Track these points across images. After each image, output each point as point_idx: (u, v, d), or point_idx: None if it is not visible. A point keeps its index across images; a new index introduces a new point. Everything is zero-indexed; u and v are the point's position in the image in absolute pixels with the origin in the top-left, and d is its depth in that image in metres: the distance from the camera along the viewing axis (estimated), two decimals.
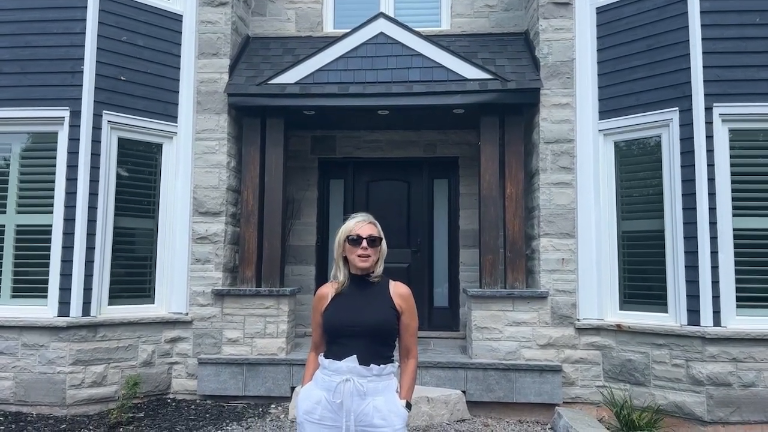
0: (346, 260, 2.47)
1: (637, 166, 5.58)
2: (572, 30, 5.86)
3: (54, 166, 5.48)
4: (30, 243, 5.47)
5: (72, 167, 5.41)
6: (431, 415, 5.01)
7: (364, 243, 2.40)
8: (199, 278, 5.88)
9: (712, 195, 4.99)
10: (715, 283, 4.94)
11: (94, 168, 5.47)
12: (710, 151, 5.03)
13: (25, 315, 5.31)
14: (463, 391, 5.37)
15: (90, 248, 5.39)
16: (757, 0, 5.14)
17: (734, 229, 5.01)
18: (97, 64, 5.55)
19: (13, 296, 5.44)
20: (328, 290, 2.49)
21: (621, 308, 5.52)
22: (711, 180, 5.01)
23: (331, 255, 2.55)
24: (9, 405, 5.21)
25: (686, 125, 5.14)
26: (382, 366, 2.35)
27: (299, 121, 6.55)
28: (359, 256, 2.40)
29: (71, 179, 5.40)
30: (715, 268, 4.95)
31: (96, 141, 5.49)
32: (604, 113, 5.68)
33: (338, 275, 2.47)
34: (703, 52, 5.11)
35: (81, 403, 5.24)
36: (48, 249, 5.39)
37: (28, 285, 5.44)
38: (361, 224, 2.45)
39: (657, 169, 5.40)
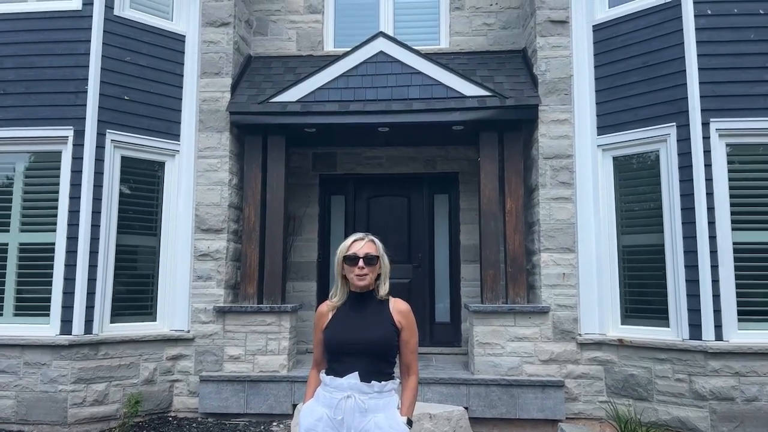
0: (345, 278, 2.49)
1: (636, 181, 5.62)
2: (569, 47, 5.94)
3: (57, 184, 5.52)
4: (33, 261, 5.50)
5: (75, 186, 5.46)
6: None
7: (361, 262, 2.42)
8: (200, 295, 5.89)
9: (711, 209, 5.02)
10: (716, 297, 4.94)
11: (97, 186, 5.51)
12: (708, 166, 5.07)
13: (28, 333, 5.31)
14: (466, 408, 5.33)
15: (92, 266, 5.41)
16: (751, 16, 5.21)
17: (734, 243, 5.02)
18: (101, 84, 5.62)
19: (16, 314, 5.46)
20: (328, 308, 2.51)
21: (622, 323, 5.53)
22: (709, 194, 5.04)
23: (333, 271, 2.57)
24: (10, 424, 5.19)
25: (684, 140, 5.18)
26: (383, 383, 2.36)
27: (300, 138, 6.61)
28: (356, 275, 2.42)
29: (74, 198, 5.44)
30: (715, 282, 4.96)
31: (99, 160, 5.55)
32: (603, 129, 5.74)
33: (337, 293, 2.49)
34: (699, 68, 5.17)
35: (82, 422, 5.22)
36: (51, 267, 5.41)
37: (31, 303, 5.46)
38: (358, 243, 2.47)
39: (656, 183, 5.43)
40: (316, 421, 2.35)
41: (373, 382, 2.34)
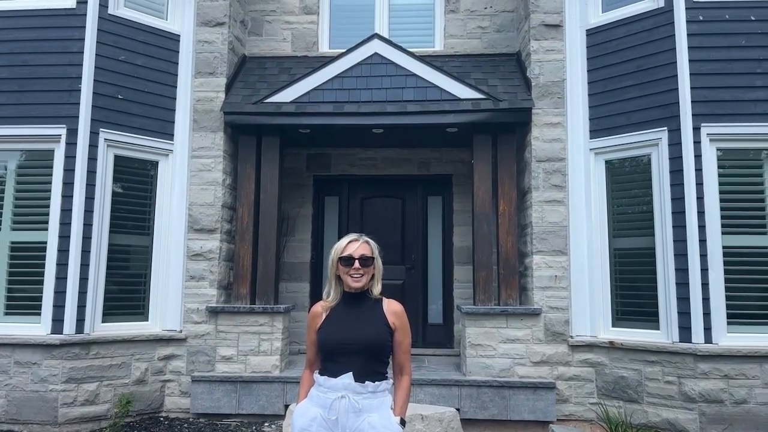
0: (339, 278, 2.50)
1: (628, 185, 5.67)
2: (563, 51, 5.97)
3: (50, 183, 5.49)
4: (24, 260, 5.46)
5: (68, 184, 5.43)
6: None
7: (356, 264, 2.43)
8: (193, 295, 5.88)
9: (701, 213, 5.07)
10: (706, 300, 4.99)
11: (90, 185, 5.49)
12: (699, 170, 5.12)
13: (19, 332, 5.28)
14: (458, 409, 5.35)
15: (84, 265, 5.39)
16: (742, 23, 5.27)
17: (724, 247, 5.07)
18: (95, 83, 5.60)
19: (7, 313, 5.42)
20: (322, 308, 2.52)
21: (613, 325, 5.56)
22: (700, 198, 5.09)
23: (326, 272, 2.57)
24: (0, 424, 5.16)
25: (675, 144, 5.23)
26: (377, 383, 2.38)
27: (295, 139, 6.61)
28: (352, 276, 2.43)
29: (67, 196, 5.42)
30: (705, 285, 5.00)
31: (92, 159, 5.52)
32: (595, 132, 5.78)
33: (330, 294, 2.50)
34: (691, 74, 5.22)
35: (73, 422, 5.20)
36: (42, 266, 5.38)
37: (22, 302, 5.42)
38: (354, 244, 2.48)
39: (647, 187, 5.48)
40: (310, 421, 2.35)
41: (366, 382, 2.35)
